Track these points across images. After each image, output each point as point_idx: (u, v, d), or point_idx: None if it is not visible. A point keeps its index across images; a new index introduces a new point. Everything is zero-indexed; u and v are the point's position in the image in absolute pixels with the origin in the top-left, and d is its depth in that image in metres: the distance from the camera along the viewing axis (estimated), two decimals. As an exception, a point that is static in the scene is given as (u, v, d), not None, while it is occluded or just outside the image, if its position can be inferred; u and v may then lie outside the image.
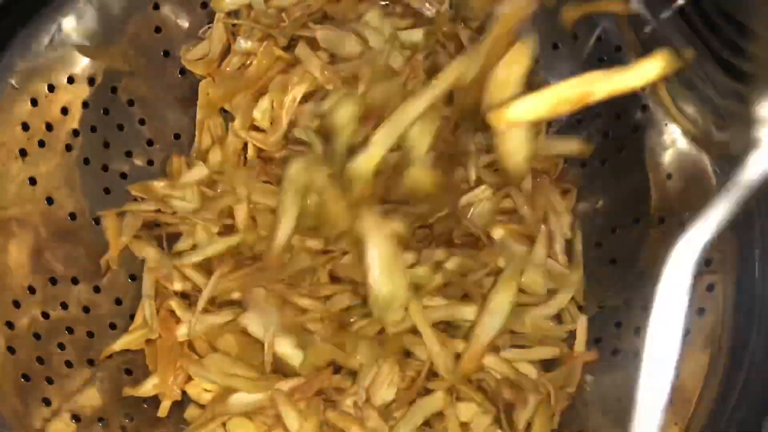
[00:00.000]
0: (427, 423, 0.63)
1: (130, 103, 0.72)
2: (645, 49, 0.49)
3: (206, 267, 0.69)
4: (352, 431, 0.60)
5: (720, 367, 0.58)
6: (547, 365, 0.66)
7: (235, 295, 0.65)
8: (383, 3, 0.75)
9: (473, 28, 0.76)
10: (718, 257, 0.60)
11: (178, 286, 0.67)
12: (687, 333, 0.59)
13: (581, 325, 0.65)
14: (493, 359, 0.62)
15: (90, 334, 0.65)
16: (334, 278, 0.67)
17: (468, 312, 0.63)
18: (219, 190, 0.71)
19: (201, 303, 0.64)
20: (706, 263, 0.61)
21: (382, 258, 0.57)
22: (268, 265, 0.63)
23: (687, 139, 0.61)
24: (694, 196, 0.63)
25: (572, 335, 0.67)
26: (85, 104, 0.68)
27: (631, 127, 0.67)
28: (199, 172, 0.71)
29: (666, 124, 0.65)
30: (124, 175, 0.72)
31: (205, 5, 0.75)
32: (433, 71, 0.73)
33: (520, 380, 0.62)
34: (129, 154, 0.73)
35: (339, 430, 0.61)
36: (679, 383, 0.58)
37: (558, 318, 0.67)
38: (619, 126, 0.69)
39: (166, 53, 0.75)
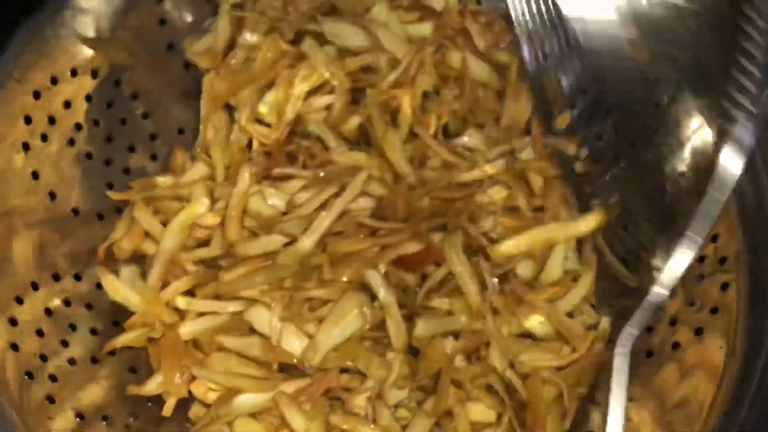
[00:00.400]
0: (437, 423, 0.62)
1: (134, 96, 0.72)
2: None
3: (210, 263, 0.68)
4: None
5: (734, 367, 0.57)
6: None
7: (243, 293, 0.64)
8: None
9: (482, 21, 0.75)
10: (733, 257, 0.60)
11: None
12: (700, 333, 0.60)
13: (604, 324, 0.64)
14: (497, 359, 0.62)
15: (93, 332, 0.64)
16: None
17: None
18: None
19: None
20: (720, 262, 0.60)
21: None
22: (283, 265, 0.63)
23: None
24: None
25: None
26: (88, 97, 0.68)
27: (643, 124, 0.66)
28: (201, 169, 0.70)
29: (679, 122, 0.64)
30: (127, 170, 0.71)
31: (209, -3, 0.74)
32: (442, 65, 0.73)
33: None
34: (132, 148, 0.72)
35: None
36: (693, 384, 0.58)
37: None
38: (631, 123, 0.68)
39: (170, 46, 0.74)
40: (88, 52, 0.67)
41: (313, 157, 0.70)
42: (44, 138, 0.64)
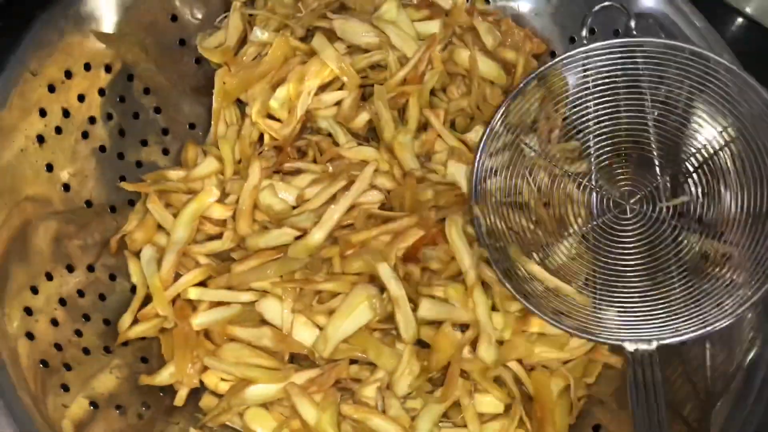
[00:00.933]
0: (445, 414, 0.63)
1: (146, 91, 0.72)
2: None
3: (221, 255, 0.69)
4: (372, 421, 0.60)
5: (737, 364, 0.58)
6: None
7: (254, 285, 0.64)
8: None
9: (490, 20, 0.76)
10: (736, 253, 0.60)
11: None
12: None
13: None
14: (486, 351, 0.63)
15: (106, 322, 0.65)
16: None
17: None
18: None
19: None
20: (722, 258, 0.61)
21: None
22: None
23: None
24: (709, 193, 0.63)
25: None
26: (101, 91, 0.68)
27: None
28: (212, 163, 0.71)
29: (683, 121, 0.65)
30: (139, 164, 0.72)
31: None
32: (450, 63, 0.74)
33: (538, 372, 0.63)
34: (144, 142, 0.73)
35: (357, 422, 0.61)
36: (698, 378, 0.59)
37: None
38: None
39: (182, 42, 0.75)
40: (101, 47, 0.68)
41: (322, 152, 0.71)
42: (59, 131, 0.64)
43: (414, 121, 0.72)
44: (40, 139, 0.63)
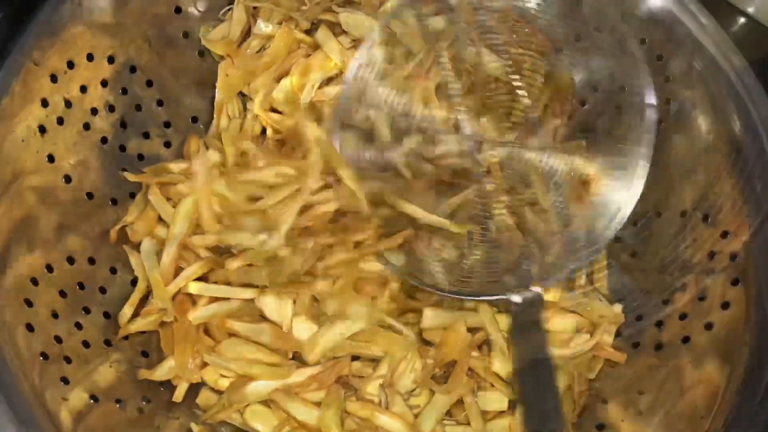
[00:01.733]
0: (447, 412, 0.62)
1: (149, 83, 0.72)
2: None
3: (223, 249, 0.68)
4: (378, 419, 0.60)
5: (744, 363, 0.58)
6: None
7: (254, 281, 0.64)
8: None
9: (496, 17, 0.76)
10: (743, 252, 0.60)
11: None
12: (711, 327, 0.60)
13: (616, 309, 0.65)
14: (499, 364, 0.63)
15: (106, 315, 0.64)
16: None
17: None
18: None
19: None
20: (731, 257, 0.60)
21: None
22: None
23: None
24: (716, 192, 0.63)
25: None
26: (104, 83, 0.68)
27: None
28: (214, 157, 0.70)
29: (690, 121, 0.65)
30: (141, 156, 0.71)
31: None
32: (456, 60, 0.73)
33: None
34: (146, 135, 0.72)
35: (362, 419, 0.61)
36: (704, 378, 0.59)
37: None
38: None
39: (186, 34, 0.74)
40: (104, 37, 0.67)
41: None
42: (60, 121, 0.64)
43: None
44: (42, 129, 0.62)
